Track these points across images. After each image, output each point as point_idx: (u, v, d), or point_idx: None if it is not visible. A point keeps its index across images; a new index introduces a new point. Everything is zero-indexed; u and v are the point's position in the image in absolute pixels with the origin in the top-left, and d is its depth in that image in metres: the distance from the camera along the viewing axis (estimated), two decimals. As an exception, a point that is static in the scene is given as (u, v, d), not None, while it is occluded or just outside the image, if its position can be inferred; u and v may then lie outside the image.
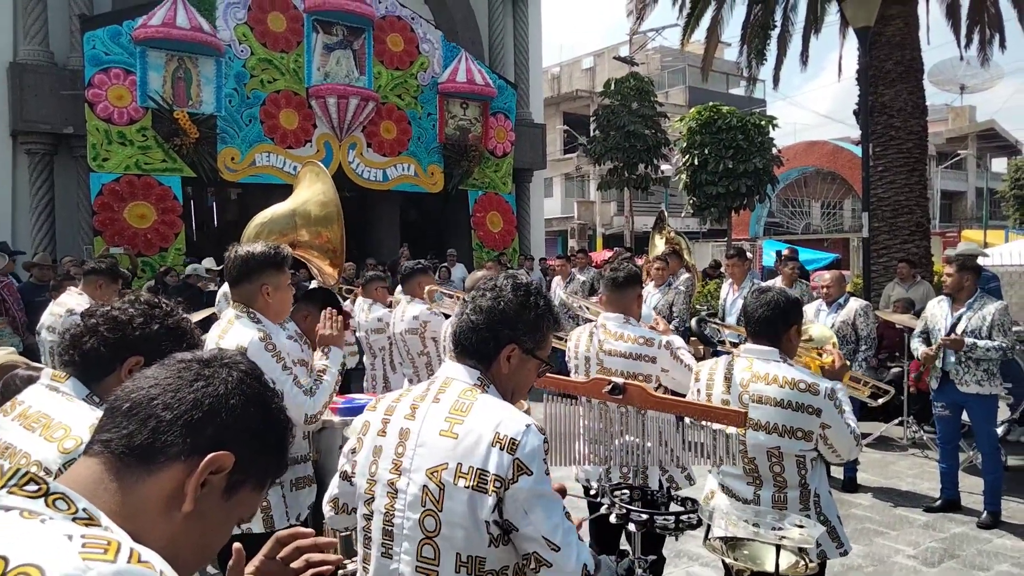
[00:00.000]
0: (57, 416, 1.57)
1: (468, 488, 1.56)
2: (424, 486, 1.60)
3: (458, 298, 4.94)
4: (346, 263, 8.97)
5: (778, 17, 13.05)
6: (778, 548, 2.17)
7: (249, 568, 1.26)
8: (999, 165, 37.77)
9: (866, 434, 6.64)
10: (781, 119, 14.70)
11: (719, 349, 5.18)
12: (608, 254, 15.72)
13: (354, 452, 1.79)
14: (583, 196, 33.08)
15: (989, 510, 5.02)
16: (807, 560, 2.37)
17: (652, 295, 7.00)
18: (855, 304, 6.02)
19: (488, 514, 1.55)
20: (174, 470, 0.91)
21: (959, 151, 33.98)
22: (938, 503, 5.28)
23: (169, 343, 1.70)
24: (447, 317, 4.83)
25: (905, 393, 6.83)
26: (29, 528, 0.76)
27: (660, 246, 8.37)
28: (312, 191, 4.21)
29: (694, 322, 5.58)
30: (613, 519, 2.26)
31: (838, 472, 5.74)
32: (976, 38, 12.56)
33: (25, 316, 7.23)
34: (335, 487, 1.87)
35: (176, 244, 11.34)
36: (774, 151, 14.44)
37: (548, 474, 1.61)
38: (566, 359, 3.65)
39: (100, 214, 10.73)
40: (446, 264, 12.24)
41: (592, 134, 18.99)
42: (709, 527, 2.52)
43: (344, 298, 7.00)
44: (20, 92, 10.75)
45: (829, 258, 18.08)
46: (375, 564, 1.68)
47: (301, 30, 12.43)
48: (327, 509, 1.91)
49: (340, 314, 3.59)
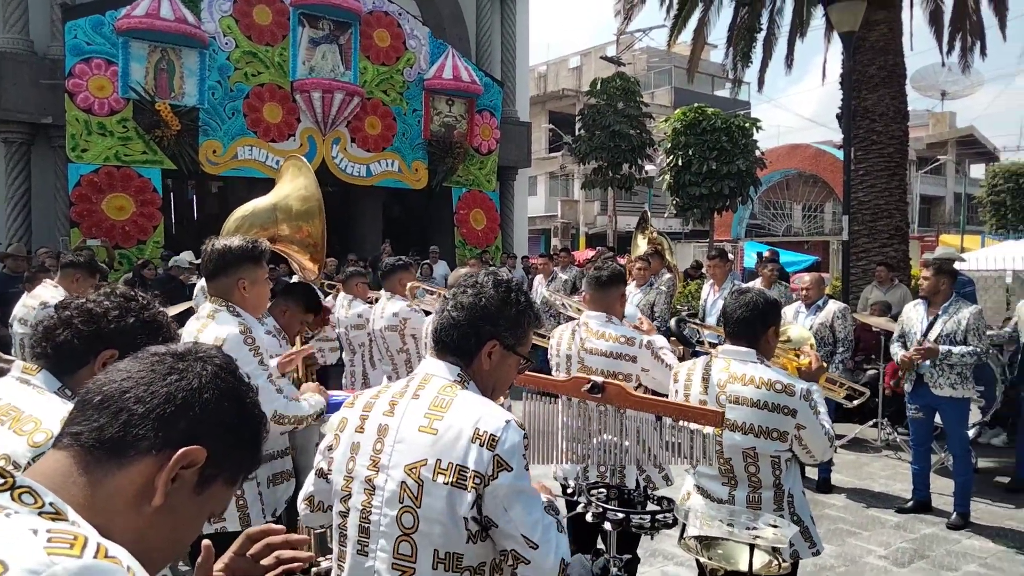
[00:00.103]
0: (27, 409, 1.55)
1: (447, 484, 1.56)
2: (402, 482, 1.59)
3: (440, 295, 4.93)
4: (328, 259, 8.94)
5: (764, 20, 13.13)
6: (752, 547, 2.20)
7: (218, 565, 1.25)
8: (977, 171, 38.26)
9: (841, 435, 6.72)
10: (765, 121, 14.80)
11: (698, 349, 5.21)
12: (591, 253, 15.76)
13: (331, 449, 1.78)
14: (567, 195, 33.11)
15: (959, 511, 5.10)
16: (780, 560, 2.39)
17: (634, 295, 7.03)
18: (834, 306, 6.09)
19: (467, 510, 1.55)
20: (145, 464, 0.90)
21: (939, 156, 34.39)
22: (910, 504, 5.36)
23: (145, 337, 1.68)
24: (428, 314, 4.82)
25: (880, 395, 6.91)
26: None
27: (642, 246, 8.40)
28: (294, 185, 4.17)
29: (673, 322, 5.61)
30: (589, 518, 2.27)
31: (813, 473, 5.81)
32: (958, 45, 12.71)
33: (-3, 307, 7.12)
34: (310, 484, 1.85)
35: (155, 237, 11.22)
36: (757, 153, 14.53)
37: (528, 470, 1.61)
38: (548, 357, 3.66)
39: (78, 205, 10.60)
40: (428, 261, 12.21)
41: (577, 133, 19.00)
42: (684, 526, 2.53)
43: (326, 293, 6.96)
44: (-2, 80, 10.60)
45: (809, 260, 18.24)
46: (350, 562, 1.67)
47: (287, 23, 12.33)
48: (302, 507, 1.89)
49: (321, 309, 3.58)
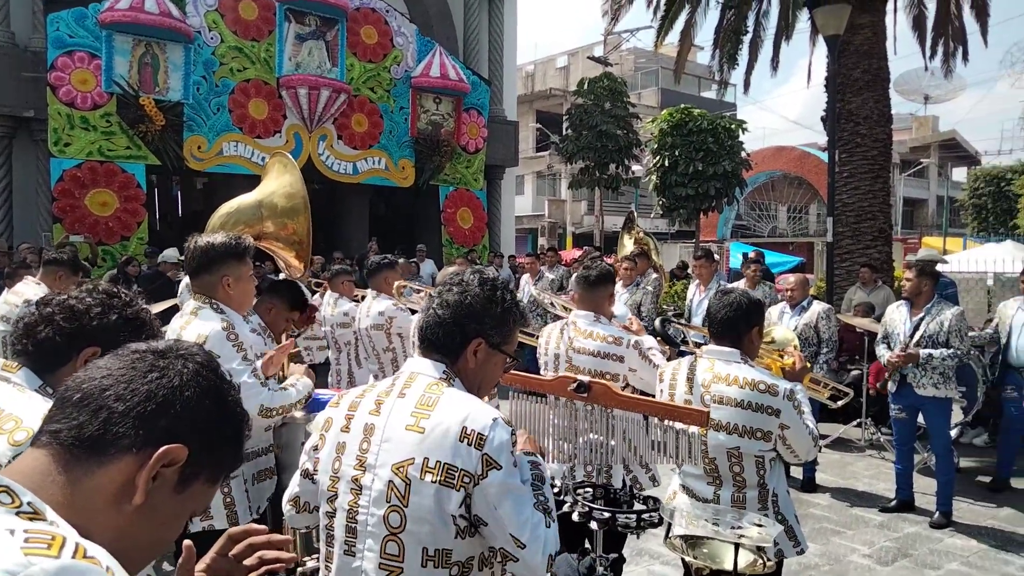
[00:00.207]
0: (8, 407, 1.52)
1: (435, 483, 1.55)
2: (390, 481, 1.58)
3: (426, 294, 4.91)
4: (314, 256, 8.88)
5: (750, 23, 13.19)
6: (737, 547, 2.21)
7: (200, 566, 1.23)
8: (959, 175, 38.73)
9: (825, 435, 6.77)
10: (751, 123, 14.90)
11: (683, 349, 5.23)
12: (578, 253, 15.78)
13: (316, 449, 1.77)
14: (554, 195, 33.16)
15: (941, 510, 5.16)
16: (765, 558, 2.41)
17: (620, 295, 7.04)
18: (818, 307, 6.14)
19: (455, 508, 1.55)
20: (125, 462, 0.89)
21: (922, 160, 34.78)
22: (893, 503, 5.41)
23: (128, 334, 1.66)
24: (414, 313, 4.81)
25: (864, 395, 6.97)
26: None
27: (629, 246, 8.43)
28: (280, 182, 4.14)
29: (658, 322, 5.63)
30: (576, 517, 2.27)
31: (797, 472, 5.85)
32: (940, 50, 12.84)
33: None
34: (296, 485, 1.84)
35: (138, 233, 11.11)
36: (743, 155, 14.61)
37: (516, 466, 1.61)
38: (537, 356, 3.66)
39: (60, 200, 10.47)
40: (415, 259, 12.18)
41: (564, 133, 19.03)
42: (670, 526, 2.54)
43: (313, 292, 6.93)
44: (-22, 73, 10.44)
45: (794, 261, 18.37)
46: (338, 562, 1.66)
47: (273, 19, 12.25)
48: (287, 508, 1.87)
49: (306, 307, 3.55)
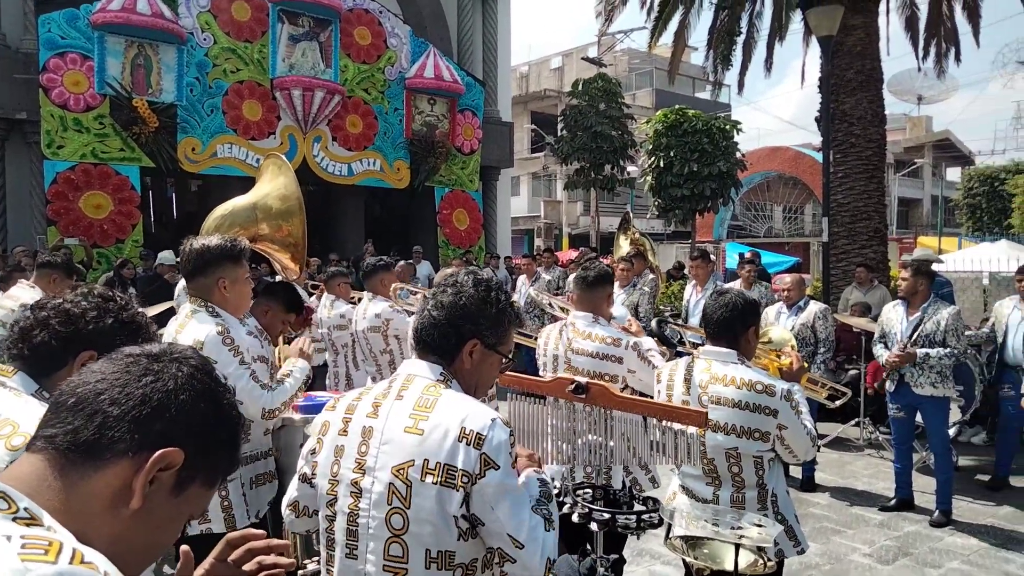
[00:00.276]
0: (4, 412, 1.51)
1: (436, 484, 1.55)
2: (390, 484, 1.58)
3: (423, 295, 4.90)
4: (310, 258, 8.86)
5: (744, 23, 13.23)
6: (737, 547, 2.20)
7: (198, 572, 1.22)
8: (953, 174, 38.92)
9: (823, 435, 6.77)
10: (745, 124, 15.03)
11: (680, 350, 5.23)
12: (574, 254, 15.81)
13: (314, 453, 1.76)
14: (550, 195, 33.18)
15: (941, 509, 5.16)
16: (765, 559, 2.40)
17: (617, 296, 7.03)
18: (814, 307, 6.14)
19: (457, 509, 1.55)
20: (121, 467, 0.88)
21: (916, 160, 34.91)
22: (892, 502, 5.41)
23: (124, 338, 1.66)
24: (411, 315, 4.80)
25: (862, 395, 6.98)
26: None
27: (625, 247, 8.42)
28: (274, 184, 4.12)
29: (655, 323, 5.63)
30: (576, 518, 2.26)
31: (797, 472, 5.85)
32: (933, 51, 12.91)
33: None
34: (294, 490, 1.83)
35: (133, 236, 11.07)
36: (738, 155, 14.66)
37: (515, 467, 1.61)
38: (536, 357, 3.65)
39: (54, 203, 10.42)
40: (411, 261, 12.16)
41: (559, 134, 19.04)
42: (670, 526, 2.53)
43: (310, 294, 6.91)
44: (-30, 75, 10.39)
45: (790, 261, 18.40)
46: (339, 566, 1.65)
47: (266, 20, 12.22)
48: (287, 513, 1.87)
49: (303, 310, 3.53)
